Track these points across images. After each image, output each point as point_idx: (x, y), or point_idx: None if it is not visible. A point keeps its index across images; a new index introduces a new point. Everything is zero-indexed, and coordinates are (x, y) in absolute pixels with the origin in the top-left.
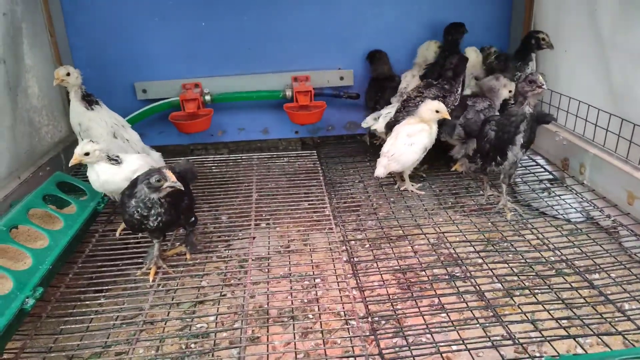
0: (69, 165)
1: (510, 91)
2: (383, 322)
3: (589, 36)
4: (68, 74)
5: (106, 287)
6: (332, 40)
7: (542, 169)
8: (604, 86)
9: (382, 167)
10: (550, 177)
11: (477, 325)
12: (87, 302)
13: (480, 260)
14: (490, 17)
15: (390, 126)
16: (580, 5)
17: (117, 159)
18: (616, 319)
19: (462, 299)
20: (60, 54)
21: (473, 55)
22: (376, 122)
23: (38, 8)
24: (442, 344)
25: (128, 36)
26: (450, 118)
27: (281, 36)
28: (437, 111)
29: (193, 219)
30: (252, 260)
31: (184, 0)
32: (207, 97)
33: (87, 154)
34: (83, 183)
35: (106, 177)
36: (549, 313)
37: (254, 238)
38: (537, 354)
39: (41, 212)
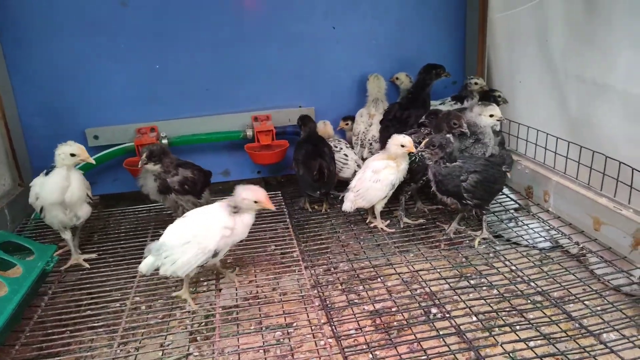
0: None
1: (491, 115)
2: None
3: (543, 66)
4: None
5: (58, 357)
6: (292, 78)
7: (507, 198)
8: (561, 114)
9: (349, 202)
10: (516, 205)
11: None
12: None
13: (456, 298)
14: (446, 49)
15: None
16: (531, 36)
17: None
18: (598, 352)
19: (443, 342)
20: (3, 102)
21: (407, 80)
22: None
23: None
24: None
25: (78, 81)
26: (415, 151)
27: (240, 76)
28: (402, 145)
29: None
30: (219, 314)
31: (136, 43)
32: (164, 141)
33: None
34: (29, 241)
35: None
36: (533, 351)
37: (220, 290)
38: None
39: None
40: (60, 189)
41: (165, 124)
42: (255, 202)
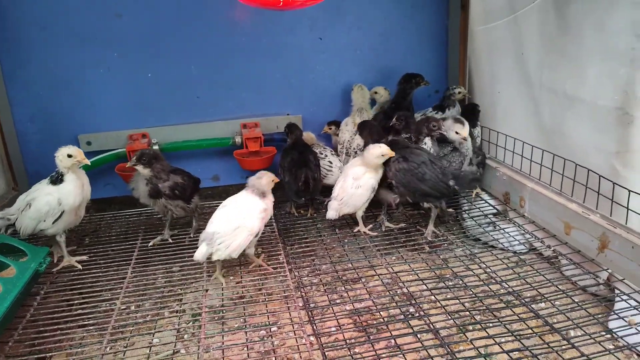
0: None
1: (457, 132)
2: None
3: (519, 78)
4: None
5: (50, 354)
6: (280, 86)
7: (486, 204)
8: (536, 124)
9: (334, 211)
10: (494, 211)
11: None
12: None
13: (433, 298)
14: (429, 60)
15: None
16: (509, 49)
17: None
18: (562, 347)
19: (417, 339)
20: None
21: (385, 93)
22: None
23: None
24: None
25: (71, 88)
26: (395, 155)
27: (229, 84)
28: (382, 155)
29: None
30: (206, 312)
31: (129, 52)
32: (155, 147)
33: None
34: (23, 243)
35: None
36: (500, 346)
37: (207, 291)
38: None
39: None
40: (80, 191)
41: (156, 131)
42: (272, 181)
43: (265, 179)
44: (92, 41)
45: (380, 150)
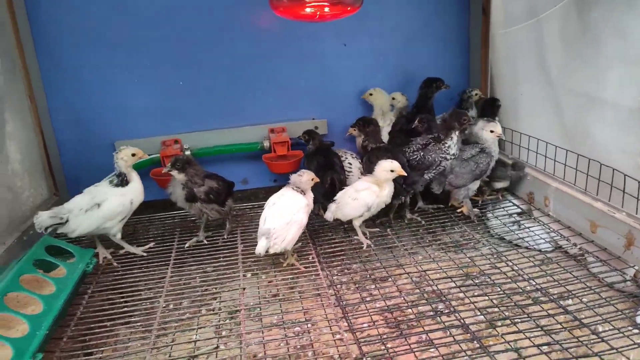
0: None
1: (492, 131)
2: None
3: (541, 80)
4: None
5: (99, 349)
6: (306, 92)
7: (511, 204)
8: (559, 124)
9: (330, 213)
10: (519, 210)
11: (466, 357)
12: None
13: (462, 295)
14: (450, 63)
15: None
16: (531, 52)
17: None
18: (592, 341)
19: (449, 333)
20: (39, 117)
21: (403, 99)
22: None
23: (18, 74)
24: None
25: (107, 96)
26: (407, 174)
27: (257, 91)
28: (391, 170)
29: None
30: (244, 310)
31: (161, 60)
32: (187, 152)
33: None
34: (69, 245)
35: None
36: (530, 340)
37: (244, 289)
38: None
39: (29, 277)
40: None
41: (188, 136)
42: (312, 179)
43: (306, 177)
44: (126, 51)
45: (390, 165)
